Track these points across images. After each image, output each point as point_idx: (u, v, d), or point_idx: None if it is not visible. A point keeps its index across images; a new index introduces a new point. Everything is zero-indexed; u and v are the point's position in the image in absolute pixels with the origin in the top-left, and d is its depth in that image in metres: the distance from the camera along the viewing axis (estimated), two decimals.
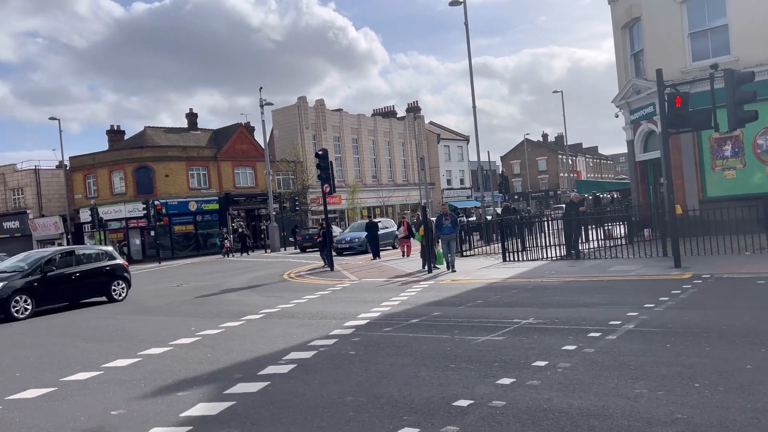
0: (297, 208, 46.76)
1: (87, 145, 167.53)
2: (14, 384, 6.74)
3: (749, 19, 17.31)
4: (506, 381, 5.28)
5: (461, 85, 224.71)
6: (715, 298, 8.91)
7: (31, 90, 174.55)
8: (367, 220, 27.17)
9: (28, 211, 45.10)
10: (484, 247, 21.75)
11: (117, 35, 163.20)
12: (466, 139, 72.14)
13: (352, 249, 27.62)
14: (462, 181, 71.43)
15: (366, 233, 25.42)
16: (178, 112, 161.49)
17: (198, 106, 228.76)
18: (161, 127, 48.57)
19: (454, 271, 15.28)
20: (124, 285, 15.47)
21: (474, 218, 30.62)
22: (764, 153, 17.57)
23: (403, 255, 22.68)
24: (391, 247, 27.79)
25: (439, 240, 16.47)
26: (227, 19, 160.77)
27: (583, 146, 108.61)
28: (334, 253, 22.67)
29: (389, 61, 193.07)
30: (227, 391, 5.65)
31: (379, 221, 29.26)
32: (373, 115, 63.83)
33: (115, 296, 15.08)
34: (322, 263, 21.44)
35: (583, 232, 18.16)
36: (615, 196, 38.53)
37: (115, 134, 48.23)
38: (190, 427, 4.72)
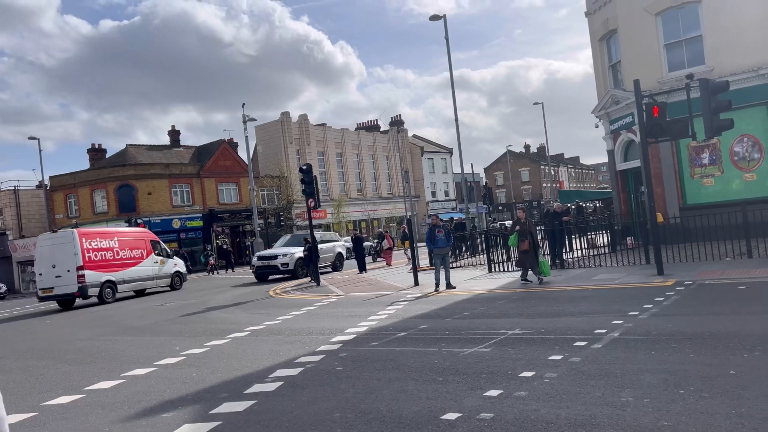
0: (282, 224, 46.60)
1: (62, 164, 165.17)
2: None
3: (722, 30, 17.71)
4: (494, 393, 5.27)
5: (439, 98, 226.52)
6: (697, 305, 9.01)
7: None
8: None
9: (7, 233, 44.45)
10: (469, 258, 21.82)
11: (86, 52, 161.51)
12: (450, 151, 72.56)
13: None
14: (446, 193, 71.72)
15: (354, 246, 25.60)
16: (154, 129, 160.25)
17: (174, 123, 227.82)
18: (143, 145, 48.36)
19: (453, 287, 13.85)
20: None
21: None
22: (741, 160, 17.89)
23: (388, 265, 25.41)
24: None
25: (433, 253, 14.51)
26: (198, 34, 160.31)
27: (565, 156, 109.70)
28: None
29: (366, 74, 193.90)
30: (213, 411, 5.58)
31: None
32: (356, 129, 64.07)
33: None
34: (308, 278, 21.34)
35: (566, 242, 18.29)
36: (597, 205, 38.93)
37: (96, 153, 47.93)
38: None
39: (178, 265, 25.43)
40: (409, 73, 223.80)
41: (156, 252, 24.10)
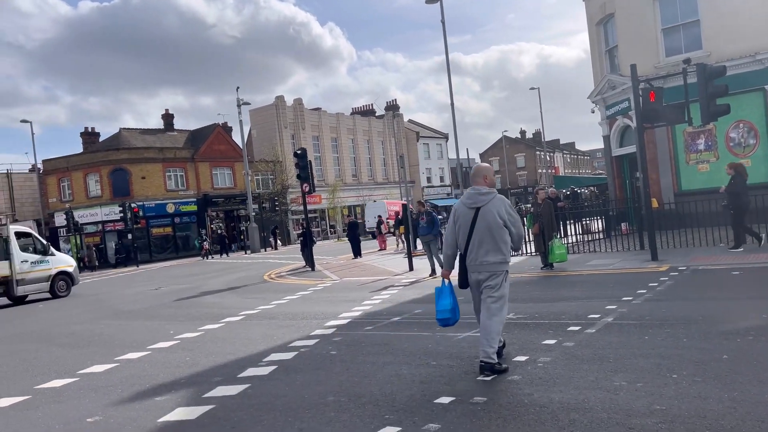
0: (277, 209, 46.49)
1: (48, 148, 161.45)
2: None
3: (719, 15, 17.61)
4: (487, 377, 5.28)
5: (430, 82, 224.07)
6: (691, 290, 9.03)
7: None
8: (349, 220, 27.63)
9: (0, 216, 44.20)
10: None
11: (66, 34, 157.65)
12: (445, 136, 72.36)
13: None
14: (442, 179, 71.64)
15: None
16: (141, 113, 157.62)
17: (161, 106, 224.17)
18: (137, 129, 48.03)
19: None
20: None
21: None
22: (736, 146, 17.89)
23: (380, 249, 27.13)
24: None
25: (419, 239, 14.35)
26: (180, 15, 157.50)
27: (561, 142, 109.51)
28: None
29: (356, 58, 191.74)
30: (206, 395, 5.57)
31: None
32: (351, 113, 63.78)
33: None
34: (303, 263, 21.33)
35: (561, 228, 18.29)
36: (593, 190, 38.93)
37: (89, 136, 47.54)
38: None
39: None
40: (399, 57, 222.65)
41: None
